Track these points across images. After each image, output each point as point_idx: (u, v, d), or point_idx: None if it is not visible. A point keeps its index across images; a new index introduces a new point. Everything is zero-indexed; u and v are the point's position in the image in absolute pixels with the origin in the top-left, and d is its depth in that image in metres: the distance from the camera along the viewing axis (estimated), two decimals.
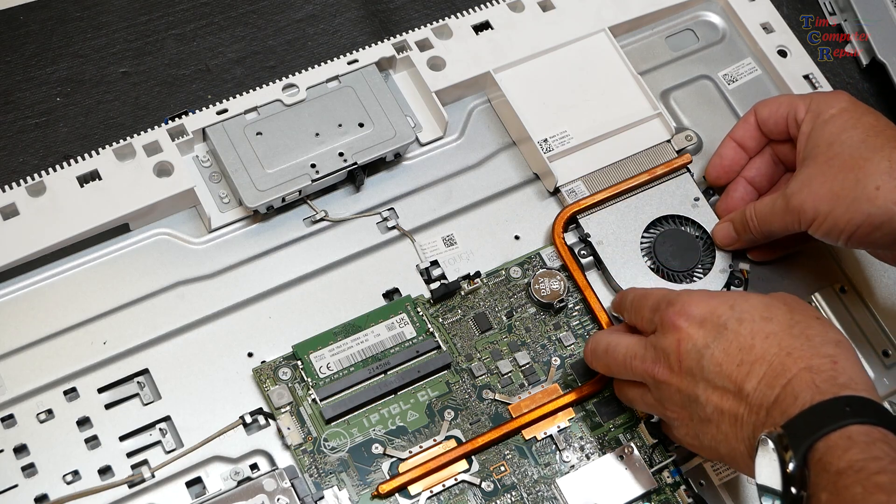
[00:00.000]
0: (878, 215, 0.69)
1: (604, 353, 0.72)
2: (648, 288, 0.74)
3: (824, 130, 0.73)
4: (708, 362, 0.65)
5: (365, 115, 0.82)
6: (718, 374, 0.65)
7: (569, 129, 0.84)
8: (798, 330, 0.64)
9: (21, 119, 0.85)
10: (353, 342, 0.76)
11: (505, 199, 0.84)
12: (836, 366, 0.62)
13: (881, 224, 0.70)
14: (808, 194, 0.72)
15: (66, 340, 0.75)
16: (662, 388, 0.68)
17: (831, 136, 0.73)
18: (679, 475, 0.75)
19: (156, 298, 0.78)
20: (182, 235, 0.80)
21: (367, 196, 0.83)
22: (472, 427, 0.76)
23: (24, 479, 0.71)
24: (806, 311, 0.66)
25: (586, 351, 0.74)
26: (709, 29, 0.92)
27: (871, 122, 0.73)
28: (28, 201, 0.77)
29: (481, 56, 0.85)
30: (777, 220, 0.75)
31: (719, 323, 0.66)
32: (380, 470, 0.74)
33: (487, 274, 0.80)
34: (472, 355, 0.78)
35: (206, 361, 0.76)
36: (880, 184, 0.69)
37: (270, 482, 0.71)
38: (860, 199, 0.70)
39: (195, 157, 0.81)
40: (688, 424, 0.68)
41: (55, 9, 0.89)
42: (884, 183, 0.69)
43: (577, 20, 0.88)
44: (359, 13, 0.92)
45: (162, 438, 0.74)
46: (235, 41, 0.90)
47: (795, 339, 0.64)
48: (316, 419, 0.74)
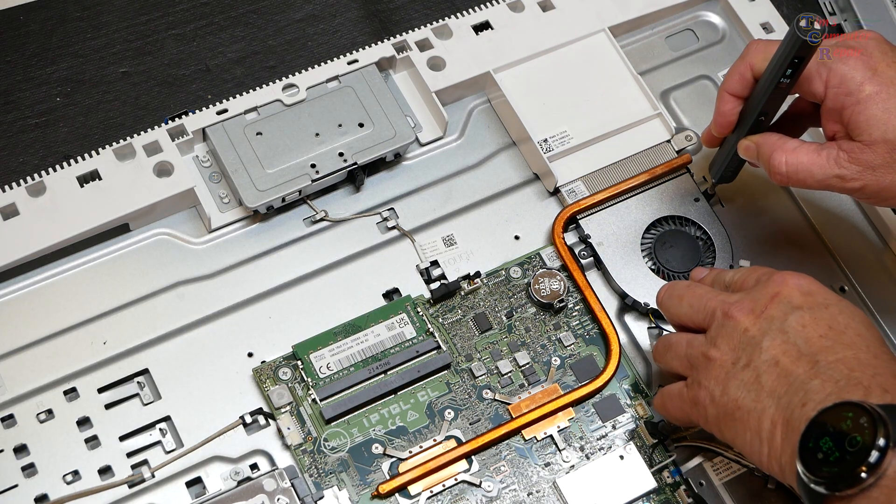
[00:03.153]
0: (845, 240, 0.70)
1: (679, 298, 0.71)
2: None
3: (863, 117, 0.69)
4: (794, 319, 0.64)
5: (365, 115, 0.82)
6: (798, 333, 0.63)
7: (569, 129, 0.84)
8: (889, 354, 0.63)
9: (21, 119, 0.85)
10: (353, 342, 0.76)
11: (505, 199, 0.84)
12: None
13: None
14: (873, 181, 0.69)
15: (66, 340, 0.75)
16: (727, 327, 0.66)
17: (874, 127, 0.69)
18: (679, 475, 0.75)
19: (156, 298, 0.78)
20: (182, 235, 0.80)
21: (367, 196, 0.83)
22: (472, 427, 0.76)
23: (24, 479, 0.71)
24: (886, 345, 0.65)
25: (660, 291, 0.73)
26: (709, 29, 0.92)
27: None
28: (28, 201, 0.77)
29: (481, 56, 0.85)
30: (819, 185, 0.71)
31: (822, 302, 0.65)
32: (380, 470, 0.74)
33: (487, 274, 0.80)
34: (472, 355, 0.78)
35: (206, 361, 0.76)
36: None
37: (270, 482, 0.71)
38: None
39: (195, 157, 0.81)
40: (721, 371, 0.65)
41: (55, 9, 0.89)
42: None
43: (577, 20, 0.88)
44: (359, 13, 0.92)
45: (162, 438, 0.74)
46: (235, 41, 0.90)
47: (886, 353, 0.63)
48: (316, 419, 0.74)
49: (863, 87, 0.69)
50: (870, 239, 0.85)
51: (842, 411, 0.58)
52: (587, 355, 0.79)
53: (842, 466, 0.57)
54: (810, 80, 0.71)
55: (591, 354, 0.79)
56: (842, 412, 0.58)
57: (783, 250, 0.84)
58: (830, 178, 0.70)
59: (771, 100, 0.72)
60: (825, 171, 0.70)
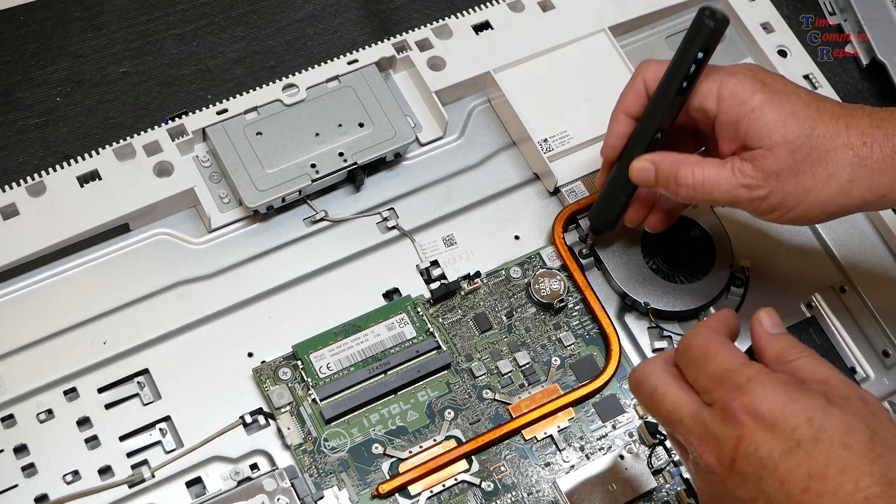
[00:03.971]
0: (853, 205, 0.69)
1: (649, 397, 0.63)
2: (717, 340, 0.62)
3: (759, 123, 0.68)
4: (769, 476, 0.57)
5: (365, 115, 0.82)
6: (778, 492, 0.57)
7: (569, 129, 0.84)
8: (878, 468, 0.56)
9: (21, 119, 0.85)
10: (353, 342, 0.76)
11: (505, 199, 0.84)
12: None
13: (853, 209, 0.69)
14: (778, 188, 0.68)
15: (66, 340, 0.75)
16: (701, 470, 0.61)
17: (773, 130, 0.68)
18: (679, 475, 0.75)
19: (156, 298, 0.78)
20: (182, 235, 0.80)
21: (367, 196, 0.83)
22: (472, 427, 0.76)
23: (24, 479, 0.71)
24: (887, 437, 0.58)
25: (630, 381, 0.65)
26: None
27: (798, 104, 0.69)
28: (28, 201, 0.77)
29: (481, 56, 0.85)
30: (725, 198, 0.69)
31: (791, 437, 0.57)
32: (380, 470, 0.74)
33: (487, 274, 0.80)
34: (472, 355, 0.78)
35: (206, 361, 0.76)
36: (853, 177, 0.68)
37: (270, 482, 0.71)
38: (833, 195, 0.68)
39: (195, 157, 0.81)
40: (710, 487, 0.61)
41: (55, 9, 0.89)
42: (856, 175, 0.68)
43: (577, 20, 0.88)
44: (359, 13, 0.92)
45: (162, 438, 0.74)
46: (235, 41, 0.90)
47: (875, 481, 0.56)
48: (316, 419, 0.74)
49: (754, 95, 0.68)
50: (870, 239, 0.85)
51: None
52: (587, 355, 0.79)
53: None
54: (703, 96, 0.70)
55: (591, 354, 0.79)
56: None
57: (783, 250, 0.84)
58: (737, 188, 0.69)
59: (668, 112, 0.70)
60: (731, 182, 0.69)
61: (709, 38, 0.67)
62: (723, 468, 0.59)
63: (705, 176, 0.69)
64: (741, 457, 0.58)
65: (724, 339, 0.62)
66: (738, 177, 0.69)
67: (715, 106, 0.69)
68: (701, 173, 0.70)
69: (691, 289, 0.80)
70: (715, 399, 0.59)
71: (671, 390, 0.62)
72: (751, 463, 0.58)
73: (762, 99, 0.68)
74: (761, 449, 0.57)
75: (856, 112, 0.69)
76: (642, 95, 0.72)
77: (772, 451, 0.57)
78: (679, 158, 0.71)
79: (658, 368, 0.63)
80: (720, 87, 0.69)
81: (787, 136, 0.67)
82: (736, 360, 0.60)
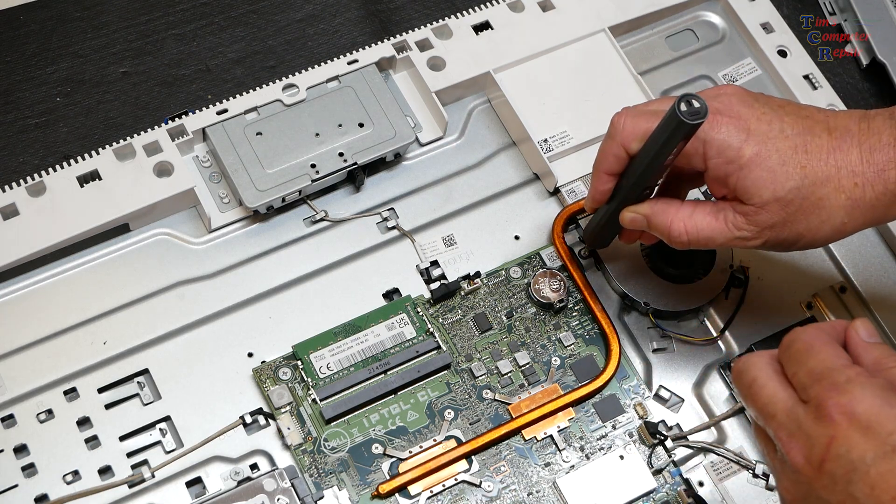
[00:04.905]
0: (850, 234, 0.69)
1: (747, 387, 0.62)
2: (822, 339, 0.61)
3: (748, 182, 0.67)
4: (859, 480, 0.55)
5: (365, 116, 0.82)
6: (868, 497, 0.55)
7: (569, 129, 0.84)
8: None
9: (21, 119, 0.85)
10: (353, 342, 0.76)
11: (505, 199, 0.84)
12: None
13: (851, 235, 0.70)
14: (773, 237, 0.69)
15: (66, 340, 0.75)
16: (787, 469, 0.59)
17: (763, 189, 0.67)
18: (679, 475, 0.75)
19: (156, 298, 0.78)
20: (182, 235, 0.80)
21: (367, 196, 0.83)
22: (472, 427, 0.76)
23: (24, 479, 0.71)
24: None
25: (733, 371, 0.64)
26: (709, 29, 0.92)
27: (786, 148, 0.68)
28: (28, 201, 0.77)
29: (481, 56, 0.85)
30: (720, 245, 0.71)
31: (887, 442, 0.55)
32: (380, 470, 0.74)
33: (487, 274, 0.80)
34: (472, 355, 0.78)
35: (206, 361, 0.76)
36: (847, 220, 0.68)
37: (270, 482, 0.71)
38: (829, 235, 0.69)
39: (195, 157, 0.81)
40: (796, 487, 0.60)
41: (55, 9, 0.89)
42: (850, 218, 0.68)
43: (577, 20, 0.88)
44: (359, 13, 0.92)
45: (162, 438, 0.74)
46: (235, 41, 0.90)
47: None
48: (316, 419, 0.74)
49: (742, 151, 0.67)
50: (870, 239, 0.85)
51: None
52: (587, 355, 0.79)
53: None
54: (689, 157, 0.69)
55: (591, 354, 0.79)
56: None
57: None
58: (732, 240, 0.69)
59: (654, 177, 0.70)
60: (726, 236, 0.69)
61: (689, 131, 0.65)
62: (810, 468, 0.58)
63: (699, 231, 0.70)
64: (832, 457, 0.56)
65: (830, 339, 0.61)
66: (733, 230, 0.69)
67: (702, 164, 0.69)
68: (694, 228, 0.70)
69: (691, 289, 0.80)
70: (811, 396, 0.58)
71: (770, 384, 0.61)
72: (841, 465, 0.56)
73: (751, 155, 0.67)
74: (854, 451, 0.56)
75: (845, 143, 0.68)
76: (623, 157, 0.70)
77: (865, 454, 0.55)
78: (671, 212, 0.70)
79: (761, 361, 0.62)
80: (706, 146, 0.68)
81: (778, 194, 0.67)
82: (838, 359, 0.59)
